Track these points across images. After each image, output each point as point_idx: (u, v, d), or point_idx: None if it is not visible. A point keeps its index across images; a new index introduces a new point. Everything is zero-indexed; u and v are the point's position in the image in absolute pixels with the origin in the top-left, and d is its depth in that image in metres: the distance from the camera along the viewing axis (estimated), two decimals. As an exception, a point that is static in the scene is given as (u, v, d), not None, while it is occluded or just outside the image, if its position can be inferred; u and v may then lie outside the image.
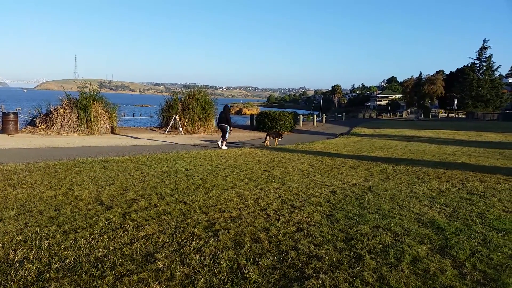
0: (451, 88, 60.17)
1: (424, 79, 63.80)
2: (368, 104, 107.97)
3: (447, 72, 71.94)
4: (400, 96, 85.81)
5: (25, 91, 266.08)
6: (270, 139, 14.36)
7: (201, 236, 3.91)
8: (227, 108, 14.30)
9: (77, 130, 16.22)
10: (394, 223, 4.50)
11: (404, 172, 8.15)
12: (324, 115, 38.94)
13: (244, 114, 56.17)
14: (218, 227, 4.20)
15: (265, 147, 13.40)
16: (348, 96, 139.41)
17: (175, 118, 19.11)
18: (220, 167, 8.36)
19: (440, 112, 60.82)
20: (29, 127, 16.50)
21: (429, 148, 13.86)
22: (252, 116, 26.32)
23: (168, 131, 18.86)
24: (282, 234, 4.04)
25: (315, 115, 36.80)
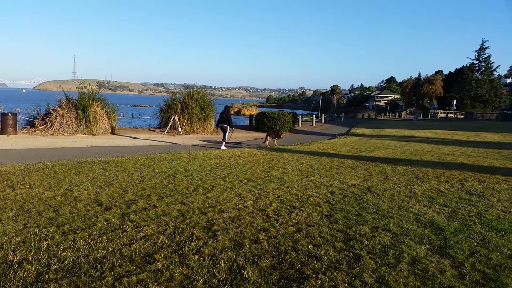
0: (450, 89, 60.27)
1: (423, 80, 63.88)
2: (367, 104, 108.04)
3: (446, 72, 72.05)
4: (399, 96, 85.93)
5: (24, 91, 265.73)
6: (270, 139, 14.40)
7: (200, 236, 3.91)
8: (227, 108, 14.29)
9: (76, 130, 16.21)
10: (393, 223, 4.51)
11: (403, 173, 8.16)
12: (323, 115, 38.97)
13: (243, 115, 56.18)
14: (217, 227, 4.20)
15: (266, 147, 13.47)
16: (347, 97, 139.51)
17: (174, 118, 19.10)
18: (219, 167, 8.35)
19: (439, 112, 60.90)
20: (28, 127, 16.48)
21: (428, 148, 13.88)
22: (251, 116, 26.34)
23: (167, 132, 18.85)
24: (281, 234, 4.04)
25: (314, 116, 36.85)
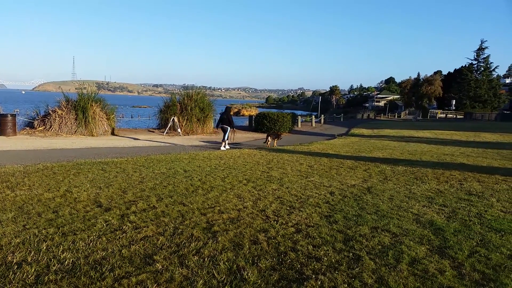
0: (449, 89, 60.30)
1: (422, 80, 63.91)
2: (366, 104, 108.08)
3: (445, 72, 72.10)
4: (398, 96, 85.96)
5: (23, 92, 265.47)
6: (271, 139, 14.45)
7: (199, 237, 3.91)
8: (228, 109, 14.49)
9: (75, 131, 16.19)
10: (392, 223, 4.51)
11: (402, 173, 8.17)
12: (323, 116, 38.98)
13: (242, 115, 56.16)
14: (217, 228, 4.20)
15: (266, 147, 13.55)
16: (347, 97, 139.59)
17: (173, 119, 19.10)
18: (218, 168, 8.35)
19: (438, 113, 60.92)
20: (27, 128, 16.46)
21: (427, 148, 13.89)
22: (250, 117, 26.33)
23: (166, 132, 18.84)
24: (281, 235, 4.04)
25: (314, 116, 36.88)
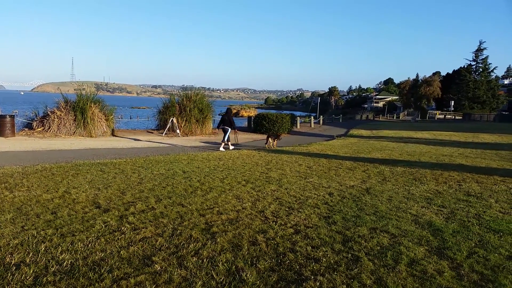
0: (448, 90, 60.39)
1: (420, 81, 63.96)
2: (365, 105, 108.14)
3: (443, 73, 72.23)
4: (397, 97, 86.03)
5: (22, 93, 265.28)
6: (271, 140, 14.48)
7: (198, 238, 3.91)
8: (229, 111, 14.71)
9: (74, 132, 16.16)
10: (391, 224, 4.51)
11: (401, 174, 8.18)
12: (321, 116, 39.00)
13: (241, 116, 56.10)
14: (215, 229, 4.20)
15: (265, 148, 13.60)
16: (345, 98, 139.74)
17: (172, 120, 19.08)
18: (217, 169, 8.35)
19: (437, 114, 61.00)
20: (26, 129, 16.42)
21: (426, 149, 13.91)
22: (249, 118, 26.30)
23: (165, 133, 18.83)
24: (279, 236, 4.04)
25: (313, 117, 36.87)
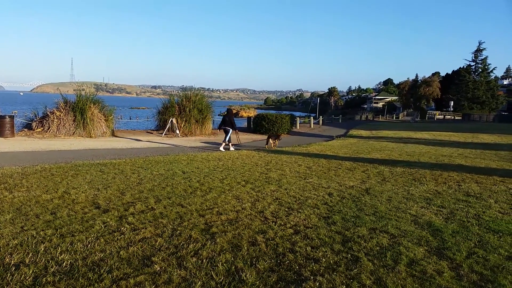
0: (447, 90, 60.45)
1: (420, 81, 63.98)
2: (365, 106, 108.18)
3: (443, 74, 72.29)
4: (396, 98, 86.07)
5: (21, 94, 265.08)
6: (272, 141, 14.48)
7: (198, 239, 3.91)
8: (231, 112, 14.80)
9: (73, 133, 16.16)
10: (391, 225, 4.52)
11: (400, 174, 8.18)
12: (321, 117, 39.04)
13: (241, 117, 56.09)
14: (215, 230, 4.20)
15: (265, 149, 13.66)
16: (345, 98, 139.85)
17: (172, 120, 19.08)
18: (217, 169, 8.35)
19: (436, 114, 61.05)
20: (25, 130, 16.41)
21: (425, 150, 13.91)
22: (249, 118, 26.30)
23: (165, 134, 18.83)
24: (279, 236, 4.04)
25: (312, 117, 36.89)
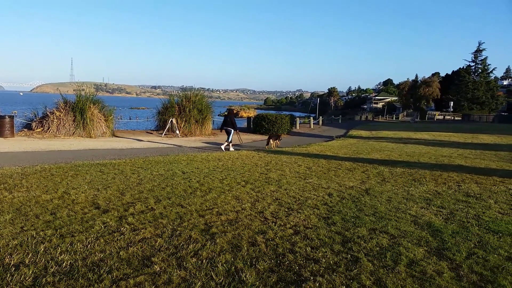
0: (447, 91, 60.50)
1: (420, 82, 64.07)
2: (365, 106, 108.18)
3: (443, 74, 72.35)
4: (396, 98, 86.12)
5: (21, 94, 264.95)
6: (272, 141, 14.48)
7: (198, 239, 3.91)
8: (232, 112, 14.86)
9: (73, 133, 16.15)
10: (390, 225, 4.52)
11: (400, 175, 8.18)
12: (321, 117, 39.06)
13: (241, 117, 56.11)
14: (215, 230, 4.20)
15: (272, 148, 13.72)
16: (345, 99, 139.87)
17: (171, 121, 19.08)
18: (217, 170, 8.35)
19: (436, 114, 61.07)
20: (25, 130, 16.41)
21: (425, 150, 13.91)
22: (249, 118, 26.31)
23: (164, 134, 18.82)
24: (279, 237, 4.04)
25: (312, 118, 36.88)
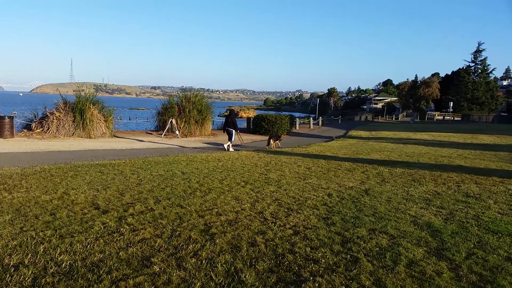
0: (447, 91, 60.58)
1: (419, 82, 64.13)
2: (364, 107, 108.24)
3: (442, 74, 72.42)
4: (396, 99, 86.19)
5: (20, 94, 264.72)
6: (273, 141, 14.48)
7: (197, 239, 3.90)
8: (233, 113, 14.91)
9: (73, 133, 16.15)
10: (390, 225, 4.52)
11: (400, 175, 8.18)
12: (321, 118, 39.07)
13: (240, 117, 56.09)
14: (214, 230, 4.20)
15: (272, 149, 13.72)
16: (344, 99, 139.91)
17: (171, 121, 19.08)
18: (216, 170, 8.35)
19: (436, 115, 61.12)
20: (24, 131, 16.40)
21: (425, 150, 13.91)
22: (248, 119, 26.31)
23: (164, 135, 18.82)
24: (278, 237, 4.04)
25: (312, 118, 36.89)
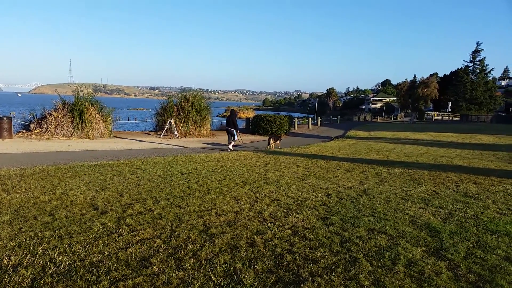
0: (445, 91, 60.68)
1: (418, 82, 64.18)
2: (363, 107, 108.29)
3: (441, 75, 72.51)
4: (394, 99, 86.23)
5: (19, 95, 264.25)
6: (273, 142, 14.49)
7: (196, 240, 3.90)
8: (234, 113, 14.95)
9: (71, 134, 16.13)
10: (389, 225, 4.52)
11: (399, 175, 8.19)
12: (319, 118, 39.10)
13: (239, 118, 56.02)
14: (213, 231, 4.20)
15: (272, 149, 13.73)
16: (343, 99, 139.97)
17: (170, 121, 19.07)
18: (215, 170, 8.35)
19: (435, 115, 61.20)
20: (23, 131, 16.38)
21: (423, 150, 13.93)
22: (247, 119, 26.32)
23: (163, 135, 18.81)
24: (277, 237, 4.04)
25: (310, 118, 36.90)
